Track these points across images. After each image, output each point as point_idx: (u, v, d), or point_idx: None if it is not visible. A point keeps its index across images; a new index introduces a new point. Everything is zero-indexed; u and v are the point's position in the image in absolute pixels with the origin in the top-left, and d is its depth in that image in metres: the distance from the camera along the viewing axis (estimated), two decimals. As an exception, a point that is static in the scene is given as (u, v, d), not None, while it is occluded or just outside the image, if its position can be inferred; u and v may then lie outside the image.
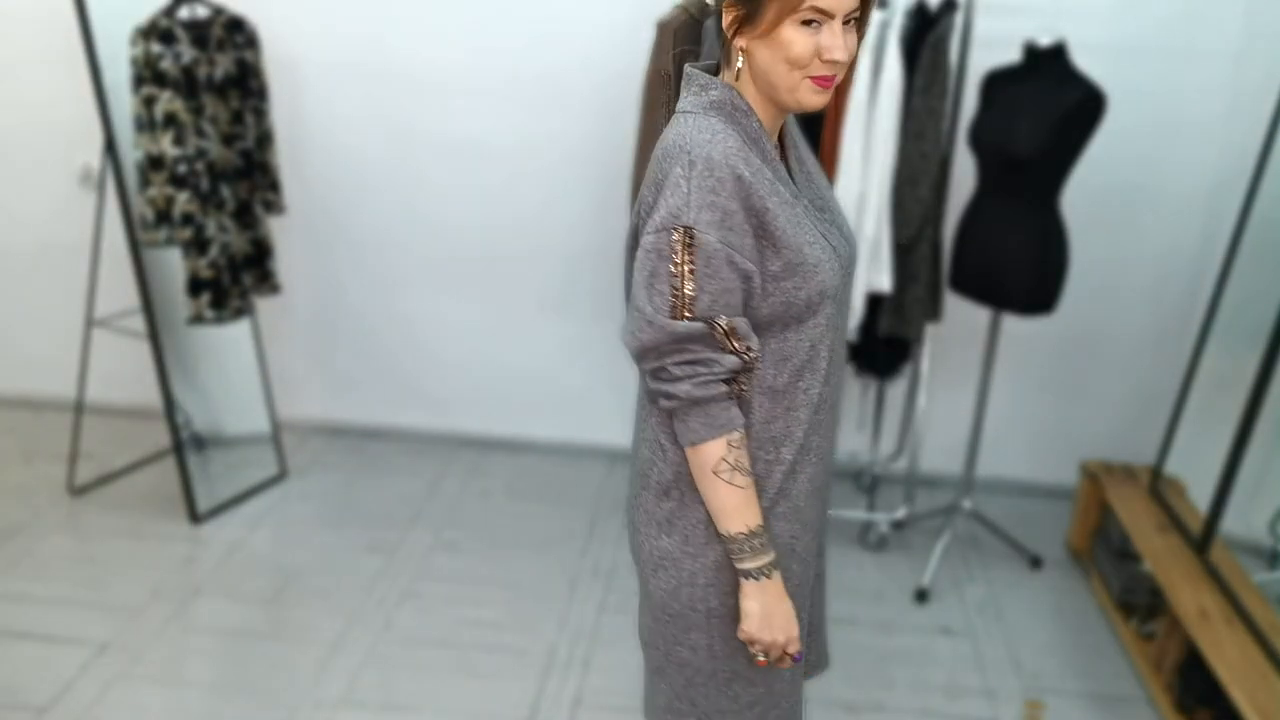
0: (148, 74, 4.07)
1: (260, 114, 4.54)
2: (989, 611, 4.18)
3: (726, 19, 1.90)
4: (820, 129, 4.02)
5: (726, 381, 1.95)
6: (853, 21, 1.89)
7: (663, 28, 3.35)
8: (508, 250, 4.91)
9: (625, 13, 4.35)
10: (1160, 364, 4.69)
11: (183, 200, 4.17)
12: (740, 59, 1.92)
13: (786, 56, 1.86)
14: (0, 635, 3.81)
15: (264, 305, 4.89)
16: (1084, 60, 3.88)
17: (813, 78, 1.88)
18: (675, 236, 1.86)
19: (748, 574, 2.02)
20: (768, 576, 2.02)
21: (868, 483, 4.92)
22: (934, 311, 4.24)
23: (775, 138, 2.02)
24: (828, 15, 1.83)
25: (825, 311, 1.98)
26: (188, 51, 4.17)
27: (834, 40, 1.84)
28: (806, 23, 1.84)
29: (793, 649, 2.08)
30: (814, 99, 1.91)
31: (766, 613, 2.03)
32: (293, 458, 5.11)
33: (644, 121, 3.62)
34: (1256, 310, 3.72)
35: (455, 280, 5.03)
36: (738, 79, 1.95)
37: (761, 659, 2.08)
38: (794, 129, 2.13)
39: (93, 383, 4.87)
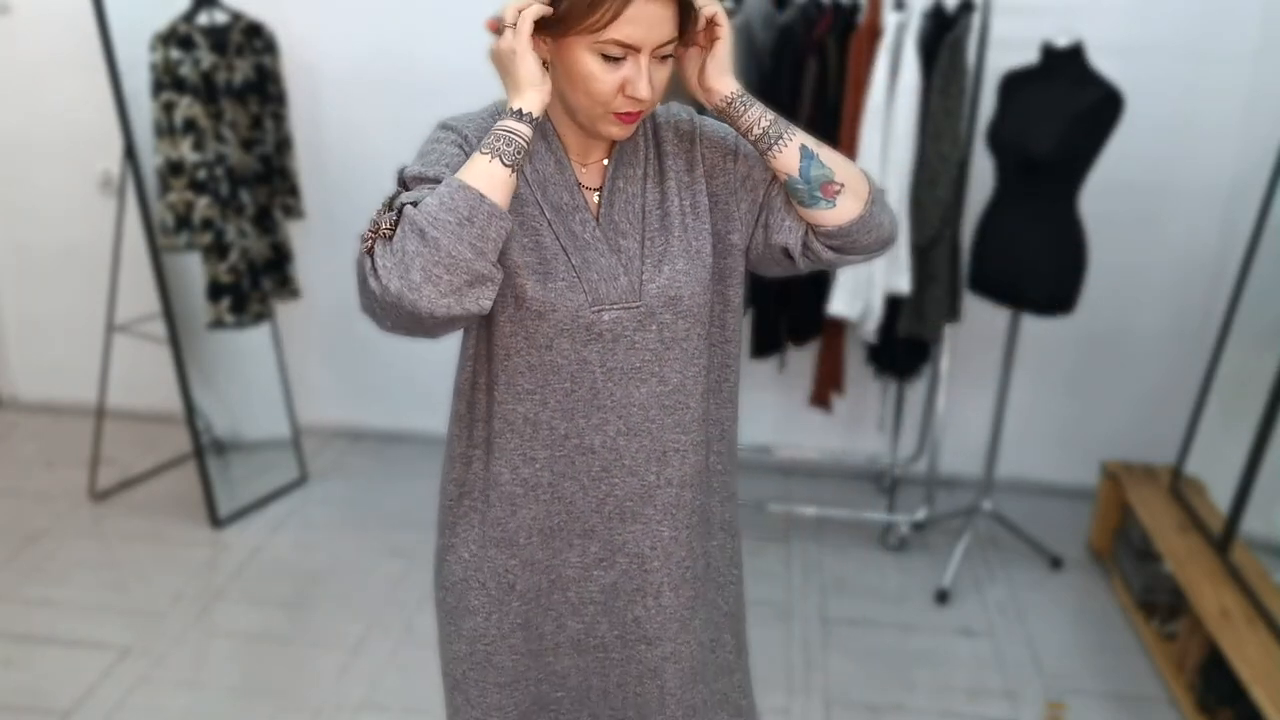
0: (167, 80, 4.09)
1: (279, 119, 4.55)
2: (1010, 612, 4.18)
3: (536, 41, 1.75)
4: (838, 131, 4.02)
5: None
6: (670, 48, 1.73)
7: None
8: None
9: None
10: (1180, 363, 4.68)
11: (202, 205, 4.19)
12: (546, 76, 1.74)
13: (588, 91, 1.72)
14: (23, 640, 3.83)
15: (284, 310, 4.91)
16: (1102, 61, 3.88)
17: (615, 113, 1.75)
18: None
19: (517, 113, 1.72)
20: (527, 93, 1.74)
21: (888, 484, 4.91)
22: (953, 312, 4.23)
23: (598, 148, 1.90)
24: (633, 49, 1.68)
25: (544, 332, 1.83)
26: (207, 57, 4.19)
27: (640, 76, 1.69)
28: (609, 57, 1.69)
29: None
30: (617, 131, 1.79)
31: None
32: (313, 462, 5.12)
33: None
34: (1276, 309, 3.71)
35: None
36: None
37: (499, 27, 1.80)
38: (665, 135, 1.96)
39: (114, 388, 4.89)
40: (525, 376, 1.86)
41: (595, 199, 1.88)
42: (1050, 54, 3.92)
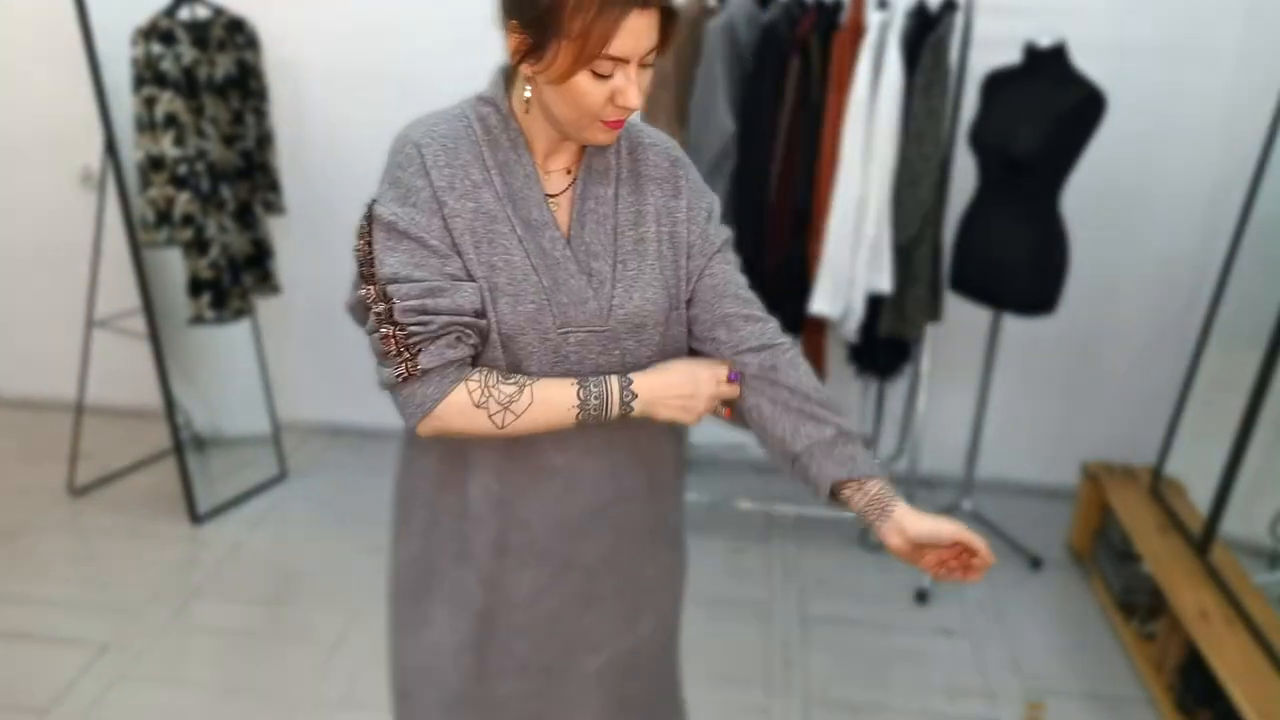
0: (148, 74, 4.08)
1: (260, 114, 4.54)
2: (989, 612, 4.18)
3: (510, 41, 1.75)
4: (821, 130, 4.02)
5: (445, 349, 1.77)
6: (653, 56, 1.74)
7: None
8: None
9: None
10: (1161, 365, 4.69)
11: (183, 201, 4.18)
12: (527, 89, 1.79)
13: (578, 105, 1.72)
14: (1, 636, 3.82)
15: (264, 306, 4.90)
16: (1084, 61, 3.88)
17: (605, 121, 1.76)
18: (364, 216, 1.85)
19: (627, 405, 1.84)
20: (629, 380, 1.85)
21: (868, 483, 4.91)
22: (934, 312, 4.24)
23: (565, 155, 1.89)
24: (622, 61, 1.69)
25: (513, 353, 1.82)
26: (188, 52, 4.17)
27: (631, 85, 1.71)
28: (600, 73, 1.70)
29: (724, 376, 1.92)
30: (603, 138, 1.80)
31: (669, 377, 1.88)
32: (293, 458, 5.11)
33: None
34: (1257, 311, 3.72)
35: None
36: (526, 105, 1.82)
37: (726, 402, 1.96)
38: (643, 159, 1.95)
39: (93, 383, 4.87)
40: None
41: (560, 208, 1.87)
42: (1033, 54, 3.92)
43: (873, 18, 3.90)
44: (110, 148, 4.18)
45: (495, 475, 1.92)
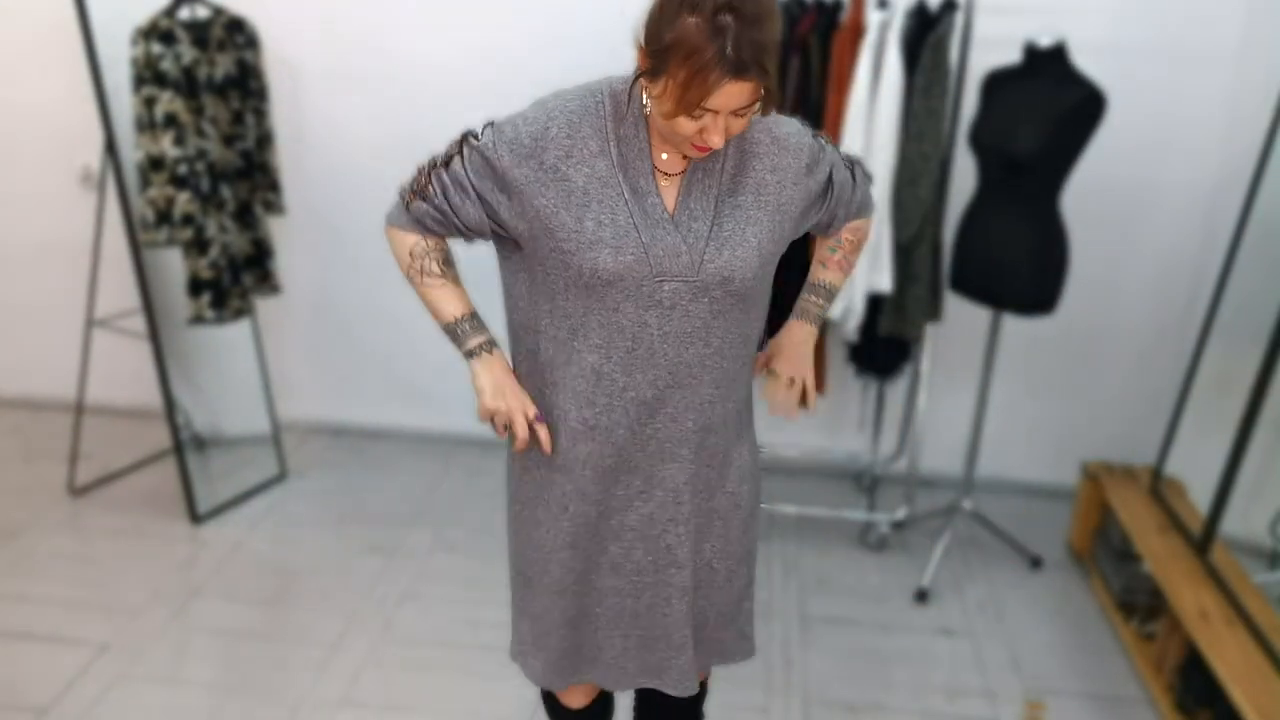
0: (148, 74, 4.08)
1: (260, 114, 4.54)
2: (989, 612, 4.18)
3: (638, 56, 2.01)
4: (820, 129, 4.02)
5: (426, 210, 2.30)
6: (753, 109, 1.98)
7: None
8: (508, 250, 4.89)
9: (628, 13, 4.35)
10: (1161, 364, 4.69)
11: (183, 200, 4.18)
12: (645, 98, 2.05)
13: (673, 131, 2.00)
14: (1, 635, 3.82)
15: (264, 305, 4.90)
16: (1084, 61, 3.88)
17: (694, 145, 2.03)
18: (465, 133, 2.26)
19: (469, 354, 2.32)
20: (488, 353, 2.32)
21: (868, 483, 4.92)
22: (934, 311, 4.24)
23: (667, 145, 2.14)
24: (713, 111, 1.94)
25: (613, 296, 2.12)
26: (188, 52, 4.17)
27: (716, 130, 1.97)
28: (693, 116, 1.95)
29: (530, 412, 2.29)
30: (693, 154, 2.08)
31: (496, 384, 2.31)
32: (293, 458, 5.11)
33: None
34: (1257, 310, 3.72)
35: (455, 280, 5.02)
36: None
37: (503, 431, 2.32)
38: (750, 136, 2.21)
39: (93, 383, 4.87)
40: (596, 333, 2.15)
41: (673, 184, 2.15)
42: (1033, 53, 3.92)
43: (873, 17, 3.90)
44: (110, 148, 4.18)
45: (589, 402, 2.23)
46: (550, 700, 2.70)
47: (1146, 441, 4.63)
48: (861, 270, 4.03)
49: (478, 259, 2.82)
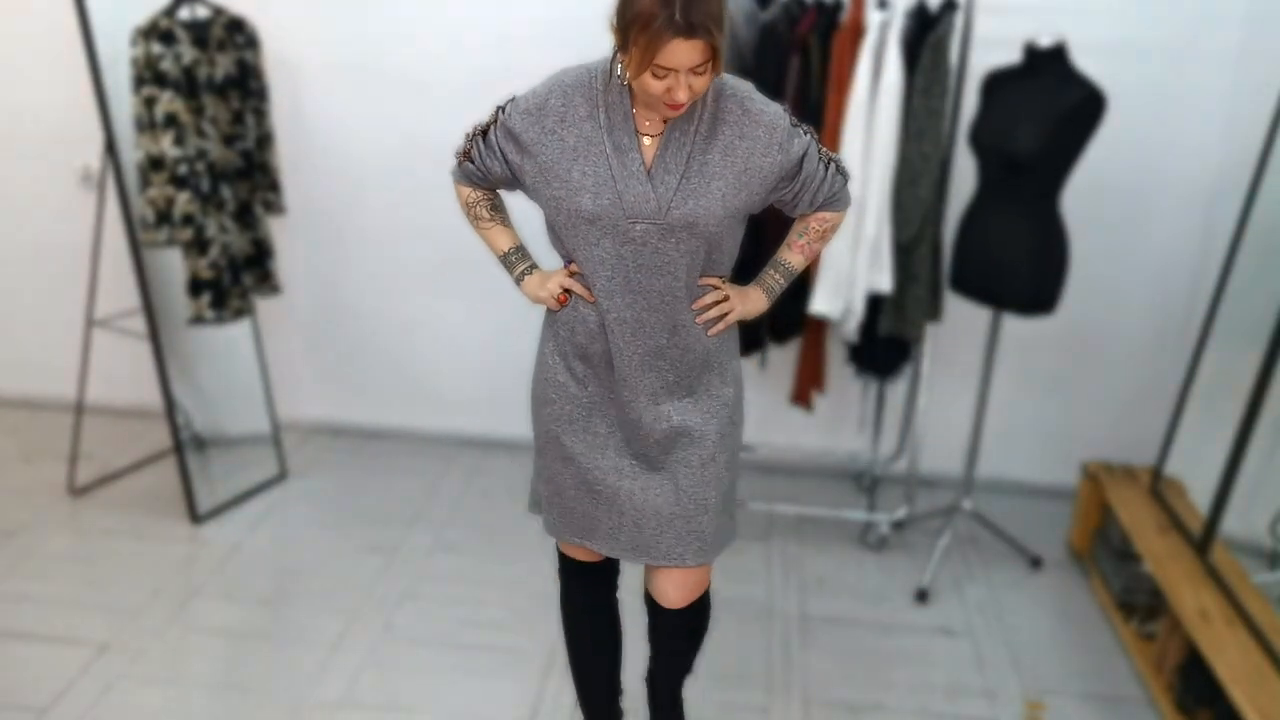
0: (148, 74, 4.08)
1: (260, 114, 4.54)
2: (989, 612, 4.18)
3: (613, 35, 2.40)
4: (821, 129, 4.03)
5: (471, 170, 2.77)
6: (705, 67, 2.34)
7: None
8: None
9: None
10: (1161, 364, 4.69)
11: (183, 200, 4.18)
12: (621, 69, 2.46)
13: (644, 93, 2.40)
14: (0, 636, 3.82)
15: (264, 305, 4.90)
16: (1084, 61, 3.88)
17: (666, 104, 2.40)
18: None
19: (518, 278, 2.82)
20: (530, 274, 2.80)
21: (868, 483, 4.92)
22: (934, 311, 4.24)
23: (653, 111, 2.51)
24: (673, 70, 2.31)
25: (594, 233, 2.57)
26: (188, 52, 4.17)
27: (680, 87, 2.34)
28: (656, 75, 2.34)
29: (563, 279, 2.69)
30: (668, 113, 2.47)
31: (539, 281, 2.76)
32: (293, 458, 5.11)
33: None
34: (1257, 310, 3.72)
35: (455, 280, 5.03)
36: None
37: (561, 301, 2.71)
38: (725, 106, 2.57)
39: (93, 383, 4.87)
40: (584, 265, 2.62)
41: (654, 143, 2.54)
42: (1033, 54, 3.92)
43: (873, 17, 3.90)
44: (110, 148, 4.18)
45: (596, 309, 2.66)
46: (562, 556, 3.02)
47: (1147, 441, 4.63)
48: (862, 270, 4.03)
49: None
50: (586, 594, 3.06)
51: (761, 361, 4.59)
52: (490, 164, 2.73)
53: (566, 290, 2.70)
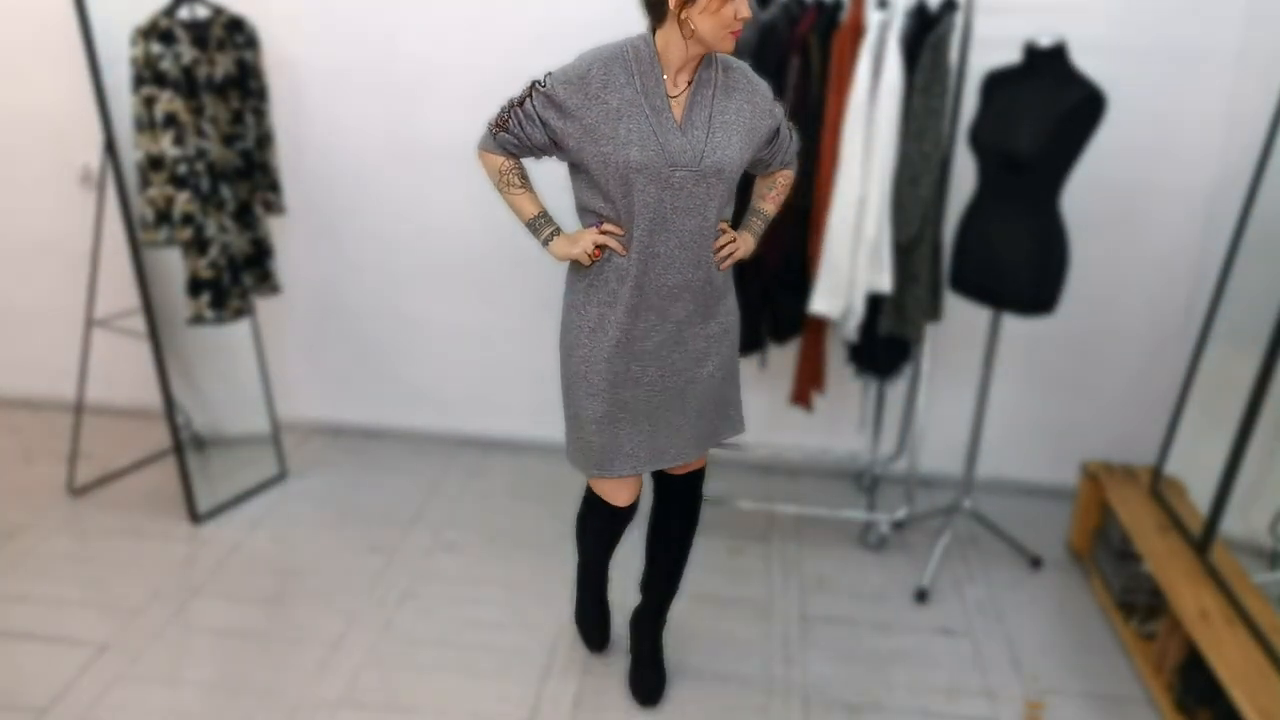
0: (148, 74, 4.08)
1: (260, 114, 4.54)
2: (989, 612, 4.18)
3: (674, 2, 2.81)
4: (820, 129, 4.02)
5: (507, 138, 3.07)
6: None
7: None
8: (508, 250, 4.90)
9: (627, 14, 4.35)
10: (1161, 364, 4.69)
11: (183, 200, 4.18)
12: (688, 27, 2.83)
13: (721, 21, 2.80)
14: (0, 635, 3.81)
15: (264, 305, 4.90)
16: (1084, 60, 3.88)
17: (731, 31, 2.84)
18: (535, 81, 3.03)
19: (545, 240, 3.15)
20: (557, 235, 3.13)
21: (868, 483, 4.92)
22: (934, 311, 4.24)
23: (687, 71, 2.96)
24: None
25: (640, 182, 2.91)
26: (188, 52, 4.17)
27: (742, 4, 2.79)
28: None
29: (594, 236, 3.05)
30: (728, 45, 2.87)
31: (568, 240, 3.10)
32: (293, 458, 5.11)
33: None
34: (1257, 310, 3.72)
35: (455, 280, 5.04)
36: (668, 37, 2.90)
37: (593, 256, 3.06)
38: (733, 76, 3.03)
39: (93, 383, 4.87)
40: (627, 212, 2.97)
41: (680, 102, 2.95)
42: (1033, 53, 3.92)
43: (872, 17, 3.90)
44: (110, 147, 4.18)
45: (627, 253, 3.03)
46: (591, 499, 3.44)
47: (1146, 441, 4.64)
48: (862, 270, 4.03)
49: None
50: (611, 531, 3.50)
51: (761, 361, 4.59)
52: (530, 130, 3.02)
53: (599, 247, 3.05)
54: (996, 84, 4.05)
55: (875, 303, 4.20)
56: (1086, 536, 4.51)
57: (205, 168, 4.26)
